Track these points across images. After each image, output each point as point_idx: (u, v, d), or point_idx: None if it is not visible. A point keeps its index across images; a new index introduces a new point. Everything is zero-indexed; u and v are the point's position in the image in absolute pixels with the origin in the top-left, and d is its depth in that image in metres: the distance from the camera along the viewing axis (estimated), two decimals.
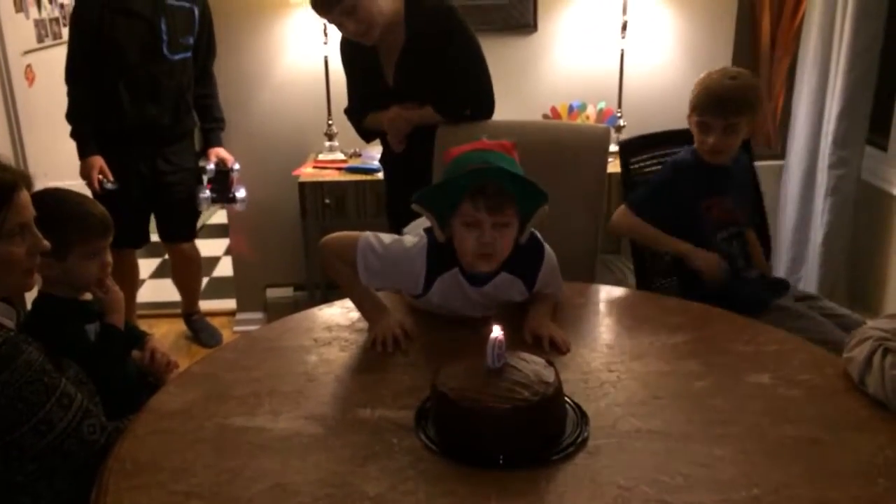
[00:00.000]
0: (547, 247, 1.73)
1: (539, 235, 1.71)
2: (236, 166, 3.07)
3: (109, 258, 1.64)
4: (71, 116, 2.86)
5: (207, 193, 3.01)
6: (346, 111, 2.60)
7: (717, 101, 2.02)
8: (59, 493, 1.37)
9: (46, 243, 1.38)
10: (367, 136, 2.61)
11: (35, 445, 1.31)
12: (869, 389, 1.40)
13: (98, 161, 2.84)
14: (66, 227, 1.52)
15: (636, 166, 2.37)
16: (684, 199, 2.11)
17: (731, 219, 2.16)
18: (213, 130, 3.11)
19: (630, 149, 2.38)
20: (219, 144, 3.10)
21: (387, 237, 1.66)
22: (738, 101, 2.02)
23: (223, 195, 3.05)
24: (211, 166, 3.02)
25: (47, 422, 1.30)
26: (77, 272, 1.57)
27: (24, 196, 1.34)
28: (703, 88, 2.06)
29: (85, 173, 2.85)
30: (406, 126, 2.41)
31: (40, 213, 1.38)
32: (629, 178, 2.35)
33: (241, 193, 3.07)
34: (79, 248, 1.56)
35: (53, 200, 1.55)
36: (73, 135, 2.87)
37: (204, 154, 3.10)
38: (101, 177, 2.84)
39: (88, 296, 1.63)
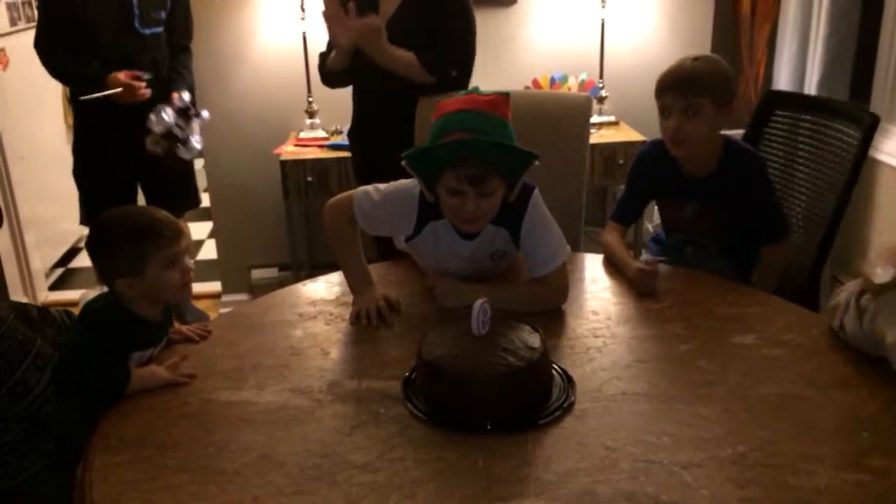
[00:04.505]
0: (535, 195, 1.65)
1: (534, 186, 1.66)
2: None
3: (190, 263, 1.48)
4: (56, 71, 2.78)
5: (170, 114, 2.78)
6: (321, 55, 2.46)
7: (675, 79, 1.87)
8: (46, 454, 1.34)
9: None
10: (330, 78, 2.42)
11: (13, 408, 1.27)
12: (847, 329, 1.40)
13: (119, 74, 2.70)
14: (140, 240, 1.39)
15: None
16: (645, 193, 2.04)
17: (692, 229, 1.99)
18: (174, 80, 2.92)
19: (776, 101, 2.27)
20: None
21: (382, 185, 1.68)
22: (700, 80, 1.84)
23: (184, 113, 2.83)
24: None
25: (24, 383, 1.27)
26: (158, 283, 1.42)
27: None
28: (664, 71, 1.91)
29: (116, 84, 2.70)
30: (373, 36, 2.19)
31: (109, 234, 1.36)
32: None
33: (205, 112, 2.88)
34: (154, 258, 1.40)
35: (117, 218, 1.46)
36: (72, 81, 2.77)
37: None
38: (135, 79, 2.71)
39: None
